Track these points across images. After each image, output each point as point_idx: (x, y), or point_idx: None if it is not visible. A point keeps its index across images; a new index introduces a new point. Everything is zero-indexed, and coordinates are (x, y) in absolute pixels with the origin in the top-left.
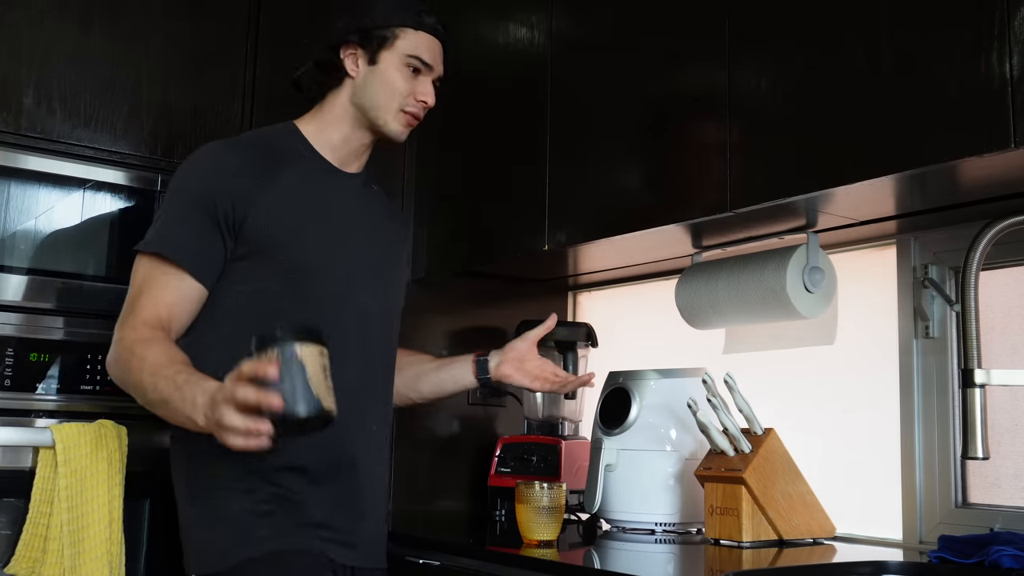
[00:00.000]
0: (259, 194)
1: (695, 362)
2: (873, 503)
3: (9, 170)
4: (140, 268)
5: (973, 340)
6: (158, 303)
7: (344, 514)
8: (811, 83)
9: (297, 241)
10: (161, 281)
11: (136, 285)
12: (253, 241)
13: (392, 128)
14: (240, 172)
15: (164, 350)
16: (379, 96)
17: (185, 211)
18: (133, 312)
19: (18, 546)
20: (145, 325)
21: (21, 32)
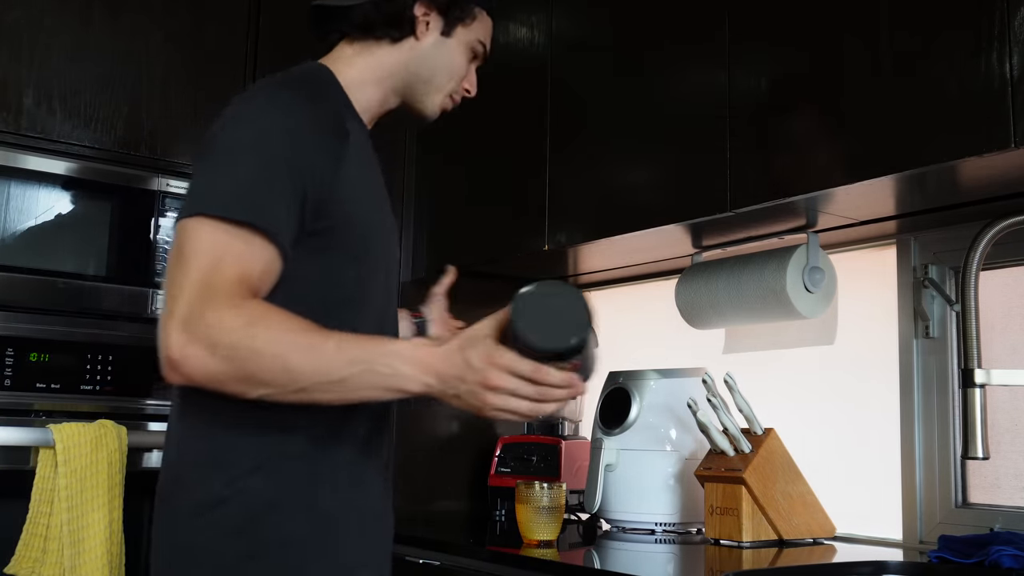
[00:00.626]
0: (338, 164)
1: (695, 362)
2: (873, 503)
3: (9, 170)
4: (204, 233)
5: (973, 340)
6: (248, 274)
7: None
8: (811, 83)
9: (365, 218)
10: (244, 251)
11: (204, 255)
12: (329, 217)
13: (432, 108)
14: (323, 137)
15: (298, 322)
16: (439, 72)
17: (271, 171)
18: (212, 286)
19: (18, 546)
20: (234, 295)
21: (21, 32)
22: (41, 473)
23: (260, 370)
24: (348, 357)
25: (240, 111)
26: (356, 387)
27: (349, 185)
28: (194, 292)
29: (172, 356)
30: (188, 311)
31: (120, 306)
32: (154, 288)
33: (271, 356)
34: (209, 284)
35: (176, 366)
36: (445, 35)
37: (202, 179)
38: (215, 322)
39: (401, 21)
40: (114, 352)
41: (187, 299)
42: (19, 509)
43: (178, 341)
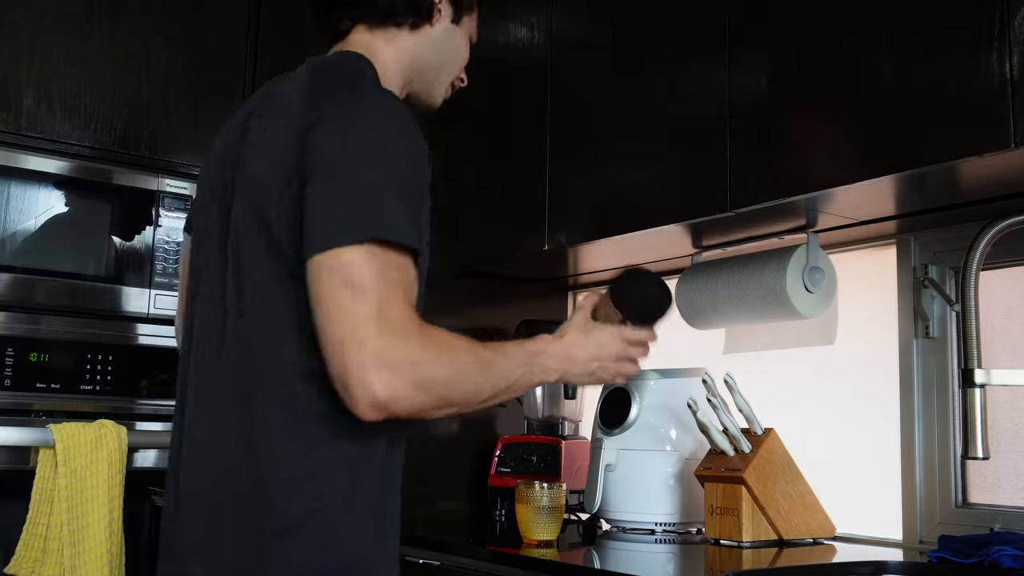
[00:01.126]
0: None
1: (695, 362)
2: (873, 503)
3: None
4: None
5: (973, 340)
6: (412, 298)
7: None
8: (811, 83)
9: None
10: (407, 277)
11: (377, 283)
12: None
13: (437, 96)
14: (424, 146)
15: (465, 341)
16: (448, 59)
17: (414, 189)
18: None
19: (18, 546)
20: (414, 323)
21: (21, 32)
22: (41, 473)
23: (455, 394)
24: (512, 364)
25: (363, 125)
26: (518, 388)
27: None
28: (381, 325)
29: (380, 397)
30: (384, 347)
31: (120, 306)
32: (154, 288)
33: (463, 380)
34: (391, 316)
35: (385, 406)
36: (455, 23)
37: (350, 202)
38: (415, 358)
39: (422, 6)
40: (114, 352)
41: (376, 333)
42: (19, 509)
43: (384, 381)
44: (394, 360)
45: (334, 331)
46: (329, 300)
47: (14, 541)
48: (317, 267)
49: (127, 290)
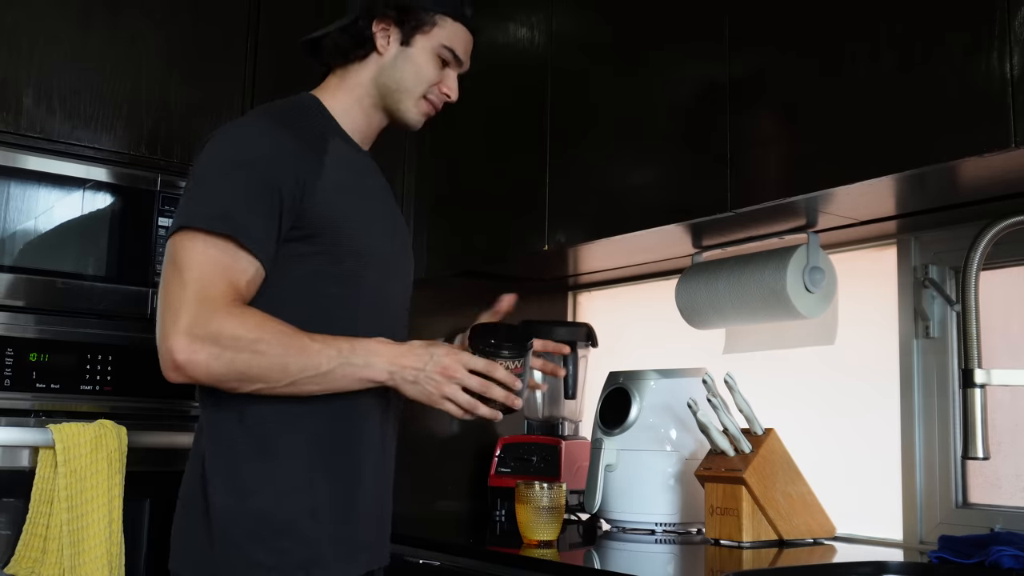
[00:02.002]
0: (315, 178)
1: (695, 362)
2: (873, 503)
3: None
4: (196, 247)
5: (973, 340)
6: (235, 284)
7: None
8: (811, 83)
9: (350, 226)
10: (231, 263)
11: (197, 266)
12: (309, 226)
13: (410, 115)
14: (298, 154)
15: (286, 326)
16: (405, 80)
17: (250, 191)
18: (210, 297)
19: (18, 546)
20: (232, 303)
21: (21, 32)
22: (41, 473)
23: (259, 369)
24: (330, 353)
25: (223, 135)
26: (336, 378)
27: (327, 195)
28: (194, 300)
29: (178, 359)
30: (191, 318)
31: (120, 306)
32: (154, 288)
33: (269, 357)
34: (206, 293)
35: (181, 368)
36: (405, 44)
37: (190, 197)
38: (218, 329)
39: (363, 39)
40: (114, 352)
41: (188, 307)
42: (19, 509)
43: (184, 346)
44: (199, 328)
45: (159, 301)
46: (162, 276)
47: (14, 541)
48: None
49: (127, 290)
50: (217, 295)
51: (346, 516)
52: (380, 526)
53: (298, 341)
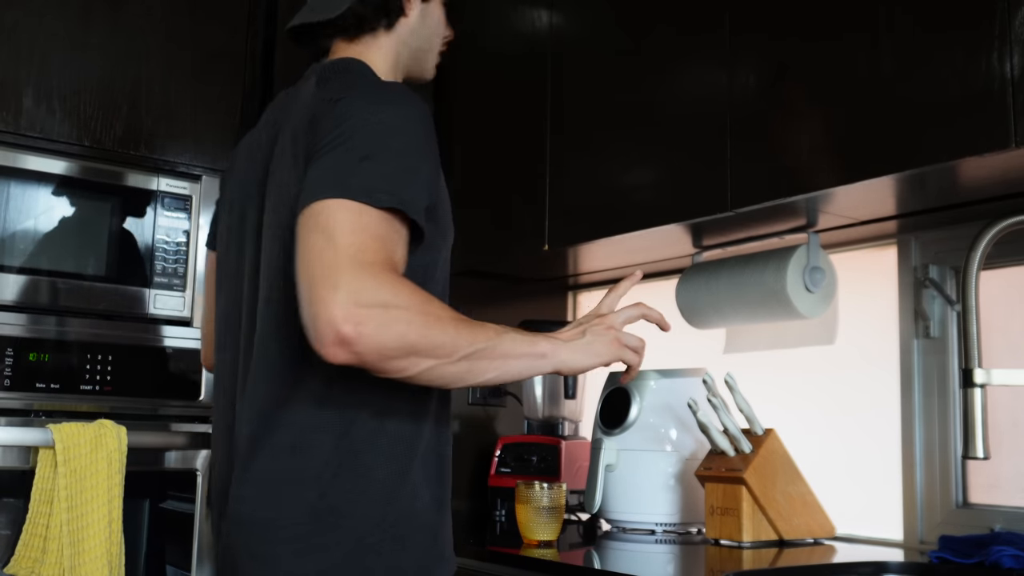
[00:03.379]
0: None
1: (695, 362)
2: (873, 503)
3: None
4: (353, 215)
5: (974, 340)
6: (394, 258)
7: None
8: (811, 82)
9: (449, 208)
10: (392, 235)
11: (352, 232)
12: (435, 209)
13: (432, 70)
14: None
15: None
16: (432, 37)
17: (408, 160)
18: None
19: (18, 546)
20: (395, 271)
21: (21, 32)
22: (41, 473)
23: (431, 342)
24: (492, 329)
25: (364, 104)
26: (506, 352)
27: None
28: (354, 266)
29: (344, 331)
30: (355, 286)
31: (120, 306)
32: (154, 288)
33: (439, 329)
34: (365, 258)
35: (348, 341)
36: (425, 1)
37: (344, 165)
38: (388, 296)
39: (390, 8)
40: (114, 352)
41: (349, 276)
42: (19, 509)
43: (352, 316)
44: (365, 299)
45: (306, 272)
46: (304, 245)
47: (14, 541)
48: (299, 222)
49: (127, 290)
50: (377, 260)
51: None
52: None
53: (460, 316)
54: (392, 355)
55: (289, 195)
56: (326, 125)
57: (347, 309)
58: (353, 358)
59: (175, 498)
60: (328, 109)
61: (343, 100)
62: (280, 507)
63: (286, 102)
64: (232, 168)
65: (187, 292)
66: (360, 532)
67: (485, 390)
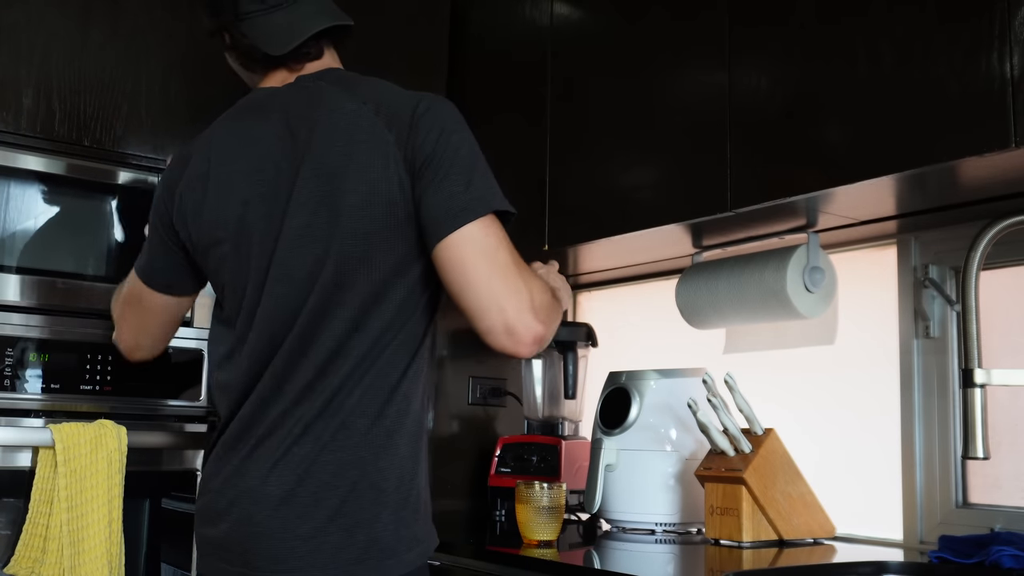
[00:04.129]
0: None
1: (695, 362)
2: (873, 503)
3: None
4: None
5: (974, 340)
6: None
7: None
8: (811, 82)
9: None
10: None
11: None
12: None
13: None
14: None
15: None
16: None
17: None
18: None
19: (18, 546)
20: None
21: (20, 32)
22: (41, 473)
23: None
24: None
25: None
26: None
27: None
28: (521, 276)
29: (539, 332)
30: (528, 294)
31: None
32: None
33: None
34: (522, 267)
35: (542, 339)
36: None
37: (469, 184)
38: (539, 290)
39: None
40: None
41: (521, 282)
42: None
43: (539, 317)
44: (539, 301)
45: (487, 289)
46: (475, 268)
47: (14, 541)
48: (458, 246)
49: None
50: (523, 263)
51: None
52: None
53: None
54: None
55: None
56: (425, 142)
57: (534, 313)
58: (540, 349)
59: (175, 498)
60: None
61: (432, 111)
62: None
63: (292, 101)
64: (214, 160)
65: None
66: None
67: (485, 390)
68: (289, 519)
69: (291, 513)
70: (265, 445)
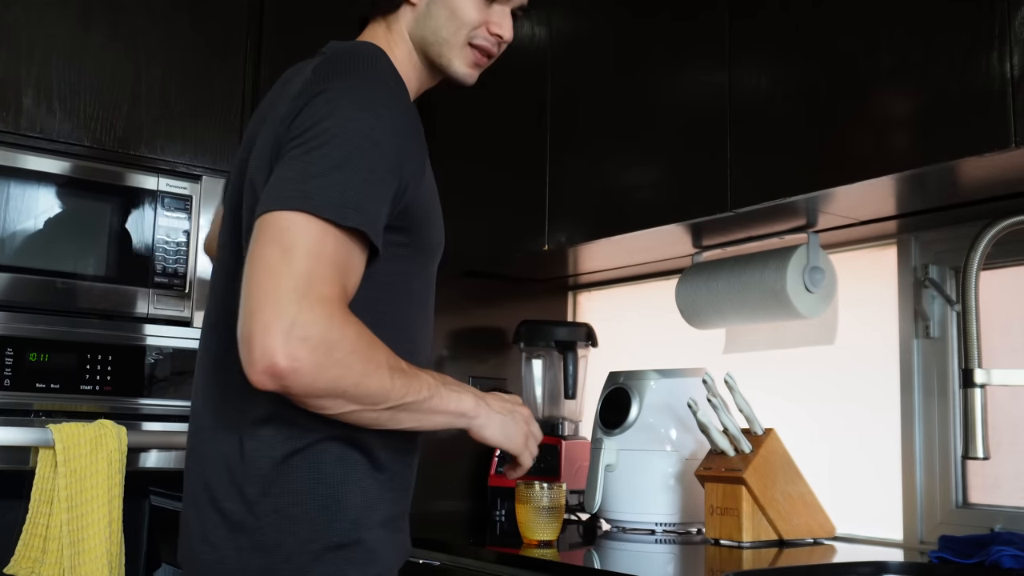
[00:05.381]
0: (424, 163)
1: (695, 362)
2: (873, 503)
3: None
4: (313, 234)
5: (974, 340)
6: (346, 287)
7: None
8: (811, 82)
9: (434, 213)
10: (347, 260)
11: (313, 257)
12: (407, 217)
13: (458, 69)
14: (416, 133)
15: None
16: (442, 29)
17: (379, 176)
18: (324, 296)
19: (18, 546)
20: (345, 309)
21: (20, 31)
22: (41, 473)
23: (364, 390)
24: (427, 380)
25: (345, 101)
26: (430, 408)
27: (427, 183)
28: (306, 295)
29: (280, 365)
30: (301, 318)
31: (120, 306)
32: (154, 288)
33: (377, 377)
34: (321, 291)
35: (280, 375)
36: None
37: (308, 170)
38: (337, 337)
39: None
40: (114, 352)
41: (300, 302)
42: (19, 509)
43: (291, 352)
44: (310, 335)
45: (256, 286)
46: (259, 256)
47: (14, 541)
48: (258, 227)
49: (127, 290)
50: (332, 295)
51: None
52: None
53: (399, 363)
54: (319, 395)
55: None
56: (304, 118)
57: (288, 342)
58: (279, 389)
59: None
60: (310, 100)
61: (326, 92)
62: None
63: (287, 78)
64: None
65: (187, 292)
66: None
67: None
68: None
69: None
70: None
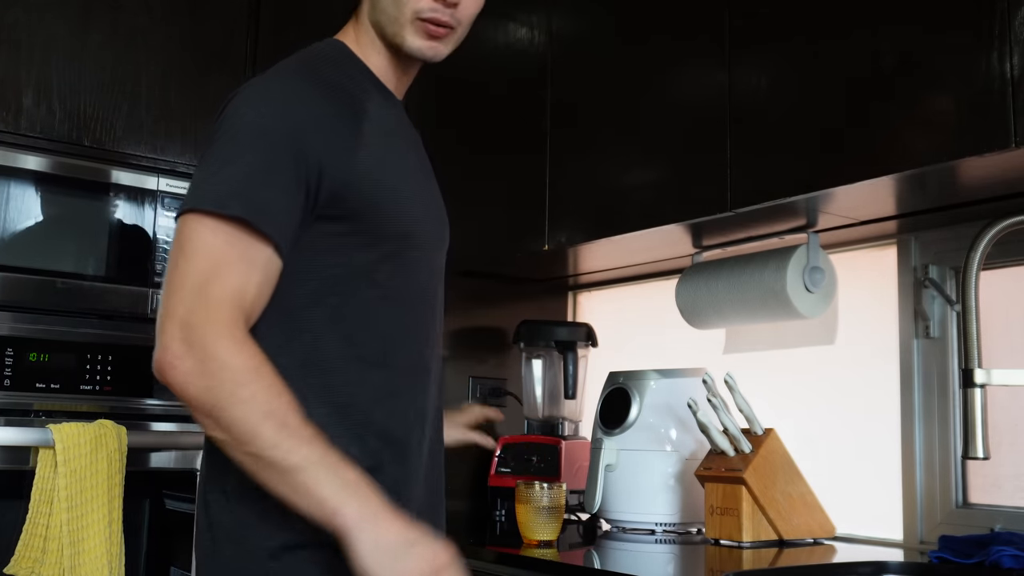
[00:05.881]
0: (354, 147)
1: (695, 362)
2: (873, 503)
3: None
4: (203, 234)
5: (974, 340)
6: (244, 288)
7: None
8: (811, 83)
9: (395, 199)
10: (243, 256)
11: (203, 257)
12: (345, 203)
13: (412, 43)
14: (334, 118)
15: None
16: (390, 6)
17: (272, 163)
18: (212, 300)
19: (18, 546)
20: (235, 323)
21: (20, 32)
22: (41, 473)
23: (229, 418)
24: (308, 451)
25: (246, 97)
26: (292, 482)
27: (369, 167)
28: (194, 299)
29: (163, 360)
30: (188, 319)
31: (120, 306)
32: (154, 288)
33: (246, 411)
34: (208, 292)
35: (164, 370)
36: None
37: (204, 171)
38: (212, 347)
39: None
40: (114, 352)
41: (188, 305)
42: (19, 509)
43: (175, 349)
44: (195, 337)
45: (163, 286)
46: (169, 262)
47: (14, 541)
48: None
49: (127, 290)
50: (223, 298)
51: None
52: None
53: (286, 415)
54: (192, 403)
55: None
56: (215, 124)
57: (175, 341)
58: (166, 385)
59: (175, 498)
60: (224, 107)
61: (237, 96)
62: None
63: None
64: None
65: None
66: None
67: (485, 389)
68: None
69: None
70: None
